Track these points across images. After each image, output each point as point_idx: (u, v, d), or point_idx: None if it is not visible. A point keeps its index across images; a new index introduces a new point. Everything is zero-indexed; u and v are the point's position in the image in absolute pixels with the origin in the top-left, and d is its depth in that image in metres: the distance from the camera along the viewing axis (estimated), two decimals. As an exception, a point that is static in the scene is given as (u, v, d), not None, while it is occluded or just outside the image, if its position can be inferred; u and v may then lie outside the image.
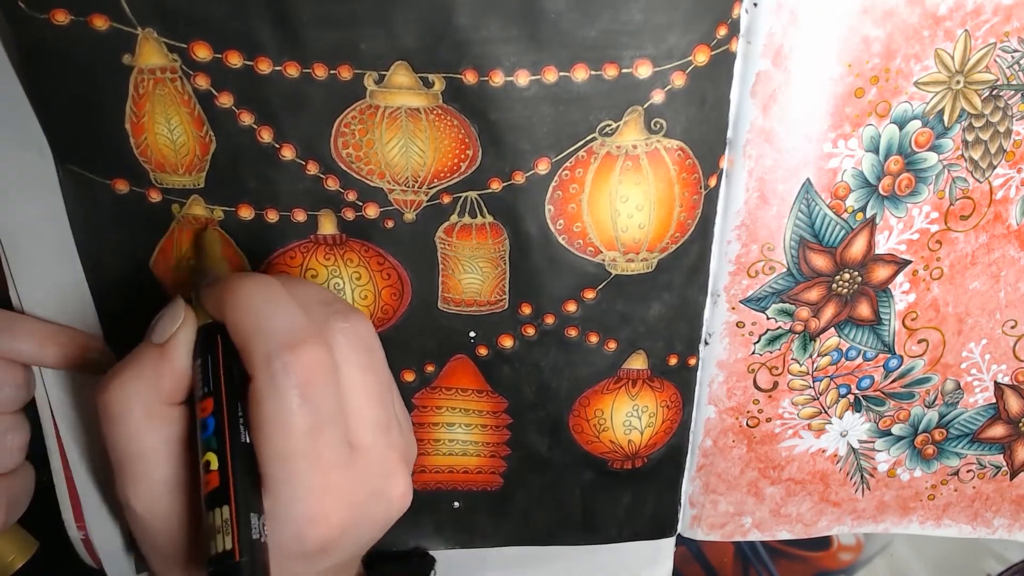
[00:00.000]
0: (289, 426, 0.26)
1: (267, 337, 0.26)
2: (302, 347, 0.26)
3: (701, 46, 0.30)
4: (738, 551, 0.44)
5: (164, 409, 0.27)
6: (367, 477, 0.28)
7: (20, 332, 0.32)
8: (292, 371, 0.26)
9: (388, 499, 0.29)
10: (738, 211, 0.33)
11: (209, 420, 0.26)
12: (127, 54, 0.29)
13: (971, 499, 0.41)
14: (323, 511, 0.27)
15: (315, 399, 0.26)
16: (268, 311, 0.27)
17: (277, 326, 0.26)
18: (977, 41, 0.31)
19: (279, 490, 0.26)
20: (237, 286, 0.27)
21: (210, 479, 0.26)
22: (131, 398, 0.27)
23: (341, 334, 0.28)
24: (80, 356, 0.33)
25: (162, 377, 0.27)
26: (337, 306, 0.29)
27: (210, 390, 0.27)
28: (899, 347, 0.37)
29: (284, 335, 0.26)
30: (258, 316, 0.27)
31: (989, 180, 0.34)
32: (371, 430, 0.28)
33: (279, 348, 0.26)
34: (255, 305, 0.27)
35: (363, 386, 0.28)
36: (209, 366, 0.27)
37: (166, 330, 0.28)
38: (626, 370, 0.36)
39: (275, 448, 0.26)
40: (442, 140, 0.31)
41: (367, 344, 0.29)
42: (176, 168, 0.31)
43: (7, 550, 0.35)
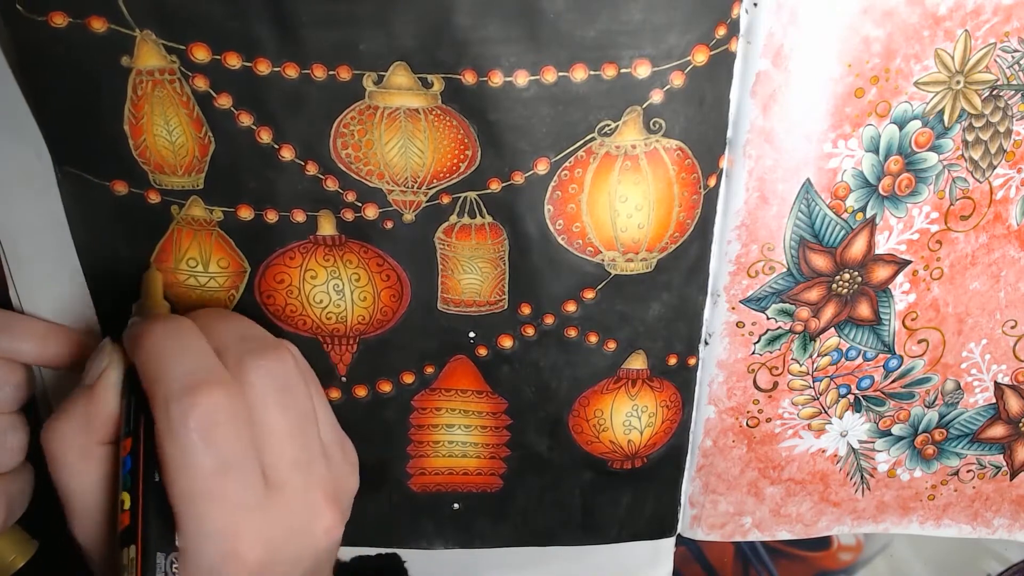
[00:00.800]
0: (191, 468, 0.26)
1: (167, 381, 0.27)
2: (201, 390, 0.26)
3: (700, 46, 0.30)
4: (738, 551, 0.44)
5: (98, 449, 0.28)
6: (285, 515, 0.28)
7: (20, 332, 0.32)
8: (190, 415, 0.26)
9: (312, 535, 0.29)
10: (738, 211, 0.33)
11: (127, 459, 0.27)
12: (125, 56, 0.29)
13: (971, 499, 0.41)
14: (235, 549, 0.27)
15: (217, 442, 0.26)
16: (171, 354, 0.27)
17: (178, 369, 0.27)
18: (977, 41, 0.31)
19: (189, 529, 0.26)
20: (144, 329, 0.28)
21: (123, 518, 0.26)
22: (65, 439, 0.28)
23: (255, 373, 0.28)
24: (80, 356, 0.33)
25: (92, 418, 0.28)
26: (253, 344, 0.29)
27: (130, 430, 0.28)
28: (899, 347, 0.37)
29: (184, 378, 0.27)
30: (160, 360, 0.27)
31: (989, 180, 0.34)
32: (288, 468, 0.28)
33: (178, 392, 0.26)
34: (159, 349, 0.27)
35: (278, 425, 0.28)
36: (132, 407, 0.28)
37: (95, 372, 0.29)
38: (626, 370, 0.36)
39: (180, 489, 0.26)
40: (441, 141, 0.31)
41: (283, 383, 0.29)
42: (175, 169, 0.31)
43: (7, 550, 0.35)
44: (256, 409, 0.28)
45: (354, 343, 0.35)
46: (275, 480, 0.28)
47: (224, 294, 0.33)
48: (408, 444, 0.37)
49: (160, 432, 0.26)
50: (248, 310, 0.33)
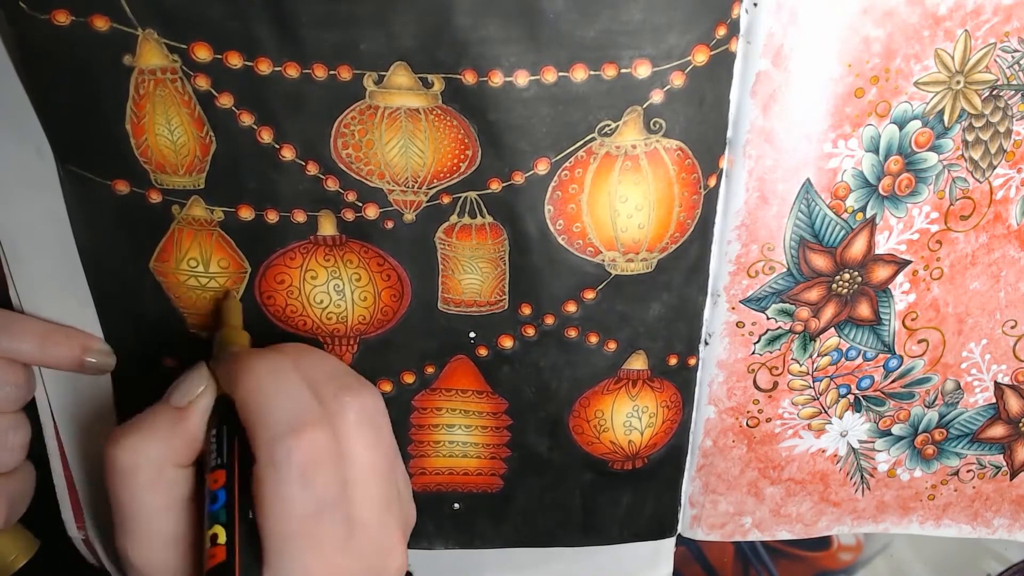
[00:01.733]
0: (289, 510, 0.26)
1: (271, 420, 0.27)
2: (305, 432, 0.26)
3: (700, 46, 0.30)
4: (738, 551, 0.44)
5: (173, 471, 0.28)
6: (366, 554, 0.28)
7: (20, 332, 0.32)
8: (294, 457, 0.26)
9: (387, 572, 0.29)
10: (738, 211, 0.33)
11: (220, 492, 0.27)
12: (128, 55, 0.29)
13: (971, 499, 0.41)
14: None
15: (316, 484, 0.26)
16: (274, 392, 0.27)
17: (282, 409, 0.27)
18: (977, 41, 0.31)
19: (277, 568, 0.26)
20: (246, 365, 0.28)
21: (216, 552, 0.26)
22: (142, 457, 0.27)
23: (349, 410, 0.28)
24: (80, 356, 0.33)
25: (176, 440, 0.28)
26: (346, 380, 0.29)
27: (223, 462, 0.27)
28: (899, 347, 0.37)
29: (288, 419, 0.27)
30: (264, 397, 0.27)
31: (989, 180, 0.34)
32: (374, 508, 0.28)
33: (282, 433, 0.26)
34: (262, 386, 0.27)
35: (368, 464, 0.28)
36: (224, 438, 0.28)
37: (187, 394, 0.28)
38: (626, 370, 0.36)
39: (274, 529, 0.26)
40: (441, 140, 0.31)
41: (374, 420, 0.29)
42: (176, 169, 0.31)
43: (9, 549, 0.35)
44: (349, 448, 0.28)
45: (354, 343, 0.35)
46: (359, 519, 0.28)
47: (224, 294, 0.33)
48: (408, 444, 0.37)
49: (261, 470, 0.26)
50: (248, 311, 0.33)
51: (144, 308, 0.33)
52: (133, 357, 0.35)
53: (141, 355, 0.35)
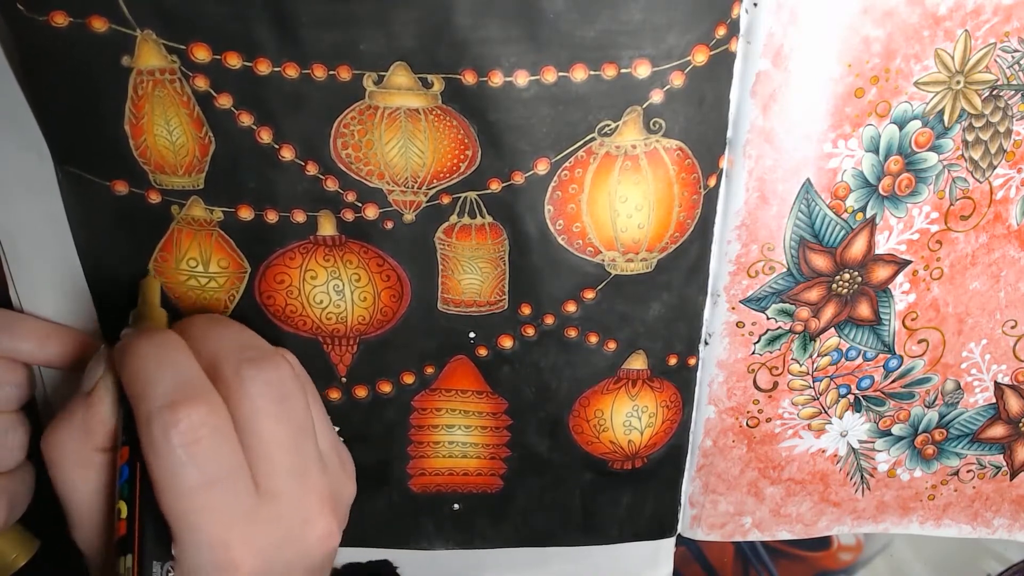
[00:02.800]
0: (177, 484, 0.26)
1: (148, 398, 0.26)
2: (182, 407, 0.26)
3: (700, 46, 0.30)
4: (738, 551, 0.44)
5: (95, 456, 0.28)
6: (279, 523, 0.28)
7: (20, 331, 0.32)
8: (172, 432, 0.26)
9: (306, 542, 0.29)
10: (738, 211, 0.33)
11: (123, 468, 0.27)
12: (126, 55, 0.29)
13: (971, 499, 0.41)
14: (229, 559, 0.27)
15: (201, 457, 0.26)
16: (153, 370, 0.27)
17: (159, 387, 0.27)
18: (977, 41, 0.31)
19: (182, 540, 0.26)
20: (128, 344, 0.28)
21: (120, 527, 0.27)
22: (63, 446, 0.28)
23: (251, 383, 0.28)
24: (80, 356, 0.33)
25: (90, 425, 0.28)
26: (251, 353, 0.29)
27: (127, 439, 0.27)
28: (899, 347, 0.37)
29: (165, 395, 0.26)
30: (142, 376, 0.27)
31: (989, 180, 0.34)
32: (283, 477, 0.28)
33: (159, 409, 0.26)
34: (142, 364, 0.27)
35: (273, 435, 0.28)
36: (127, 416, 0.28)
37: (90, 379, 0.29)
38: (626, 370, 0.36)
39: (168, 503, 0.26)
40: (441, 141, 0.31)
41: (280, 392, 0.29)
42: (175, 169, 0.31)
43: (9, 549, 0.35)
44: (252, 419, 0.28)
45: (354, 343, 0.35)
46: (269, 489, 0.28)
47: (224, 294, 0.33)
48: (408, 444, 0.37)
49: (144, 448, 0.26)
50: (248, 311, 0.33)
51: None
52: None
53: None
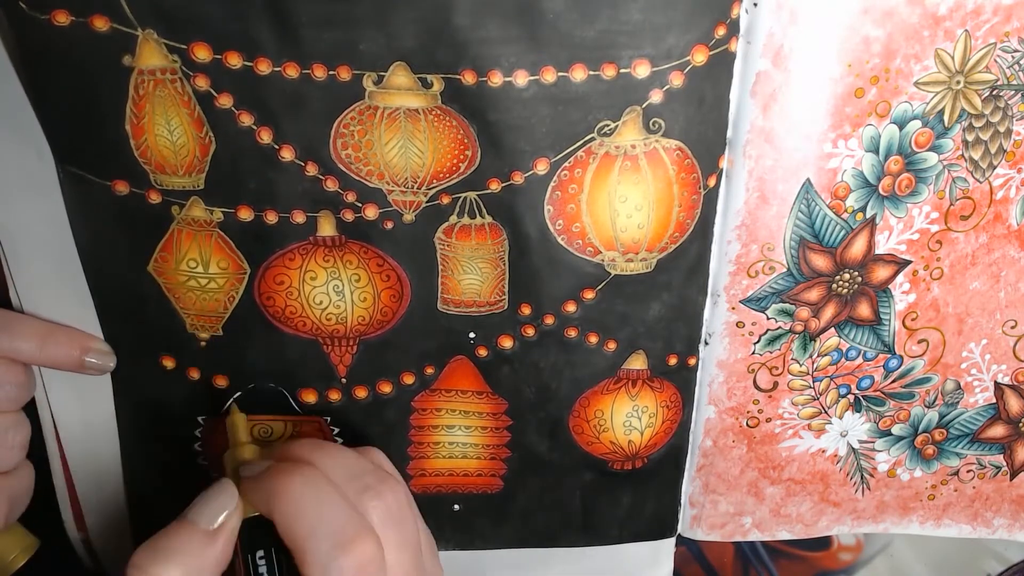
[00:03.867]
0: None
1: (320, 539, 0.27)
2: (355, 547, 0.27)
3: (699, 46, 0.30)
4: (738, 551, 0.44)
5: None
6: None
7: (20, 331, 0.32)
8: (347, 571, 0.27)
9: None
10: (738, 211, 0.33)
11: None
12: (127, 55, 0.29)
13: (971, 499, 0.41)
14: None
15: None
16: (315, 510, 0.27)
17: (327, 526, 0.27)
18: (977, 41, 0.31)
19: None
20: (281, 484, 0.28)
21: None
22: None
23: (374, 513, 0.29)
24: (80, 356, 0.33)
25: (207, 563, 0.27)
26: (368, 480, 0.29)
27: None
28: (899, 347, 0.37)
29: (335, 535, 0.27)
30: (308, 517, 0.27)
31: (989, 180, 0.34)
32: None
33: (333, 550, 0.27)
34: (304, 506, 0.27)
35: (399, 564, 0.29)
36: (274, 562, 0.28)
37: (215, 515, 0.28)
38: (626, 370, 0.36)
39: None
40: (441, 141, 0.31)
41: (400, 517, 0.29)
42: (176, 169, 0.31)
43: (9, 548, 0.35)
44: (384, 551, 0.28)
45: (354, 344, 0.35)
46: None
47: (224, 295, 0.33)
48: (408, 445, 0.37)
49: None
50: (248, 311, 0.33)
51: (144, 309, 0.33)
52: (133, 358, 0.35)
53: (140, 356, 0.35)
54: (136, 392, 0.35)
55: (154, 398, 0.35)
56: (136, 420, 0.36)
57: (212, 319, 0.34)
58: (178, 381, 0.35)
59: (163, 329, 0.34)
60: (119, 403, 0.35)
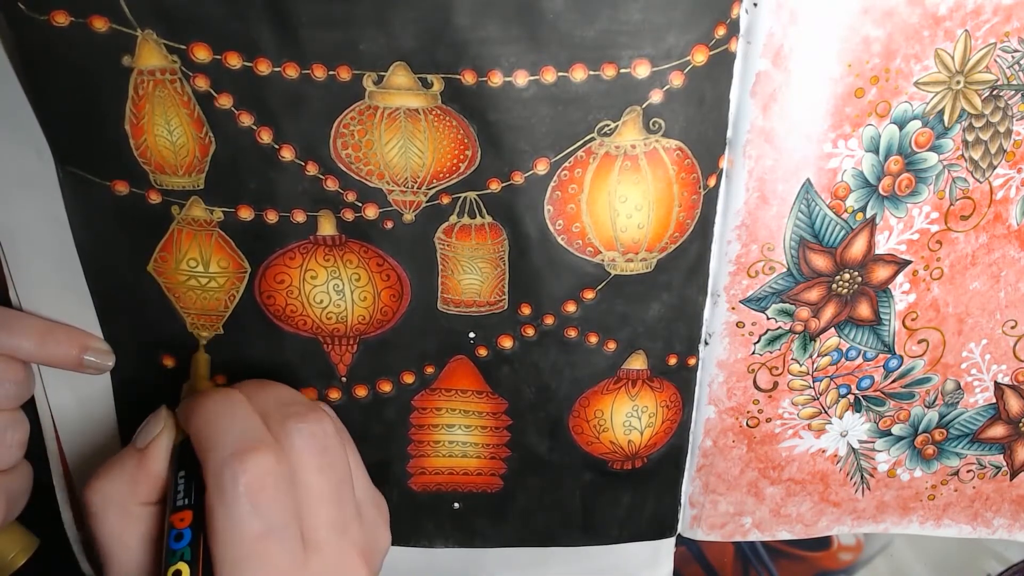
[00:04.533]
0: (239, 532, 0.27)
1: (218, 447, 0.28)
2: (250, 455, 0.27)
3: (699, 46, 0.30)
4: (738, 551, 0.44)
5: (139, 508, 0.29)
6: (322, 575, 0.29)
7: (20, 329, 0.33)
8: (240, 479, 0.27)
9: None
10: (738, 211, 0.33)
11: (186, 531, 0.28)
12: (127, 55, 0.29)
13: (971, 499, 0.41)
14: None
15: (264, 505, 0.27)
16: (222, 422, 0.28)
17: (229, 436, 0.28)
18: (977, 41, 0.31)
19: None
20: (198, 400, 0.29)
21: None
22: (109, 497, 0.29)
23: (297, 435, 0.29)
24: (79, 355, 0.33)
25: (139, 480, 0.29)
26: (295, 408, 0.30)
27: (189, 503, 0.28)
28: (899, 347, 0.37)
29: (234, 443, 0.28)
30: (212, 428, 0.28)
31: (989, 180, 0.34)
32: (326, 530, 0.29)
33: (229, 457, 0.27)
34: (211, 418, 0.29)
35: (317, 487, 0.29)
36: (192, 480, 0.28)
37: (147, 436, 0.30)
38: (626, 370, 0.36)
39: (227, 554, 0.27)
40: (441, 141, 0.31)
41: (323, 444, 0.30)
42: (176, 169, 0.31)
43: (9, 547, 0.35)
44: (298, 472, 0.29)
45: (354, 343, 0.35)
46: (313, 542, 0.29)
47: (224, 295, 0.33)
48: (408, 444, 0.37)
49: (211, 497, 0.27)
50: (248, 311, 0.33)
51: (144, 308, 0.34)
52: (133, 357, 0.35)
53: (140, 355, 0.35)
54: (136, 392, 0.35)
55: (155, 397, 0.35)
56: (136, 420, 0.36)
57: (212, 318, 0.34)
58: (179, 380, 0.35)
59: (163, 329, 0.34)
60: (119, 403, 0.35)
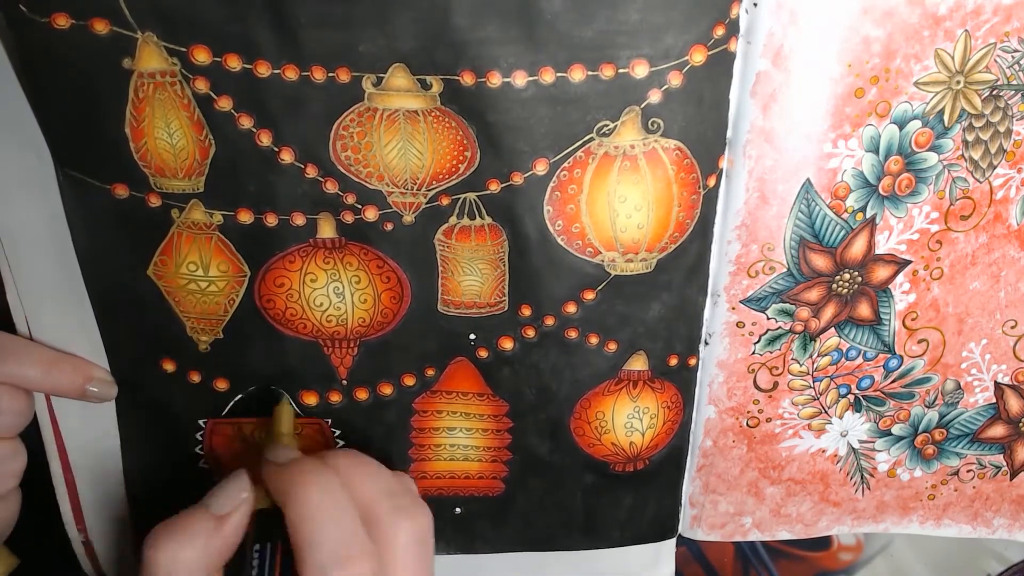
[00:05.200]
0: None
1: (319, 548, 0.28)
2: (351, 565, 0.27)
3: (698, 46, 0.30)
4: (738, 551, 0.44)
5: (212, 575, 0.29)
6: None
7: (27, 358, 0.33)
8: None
9: None
10: (738, 211, 0.33)
11: None
12: (127, 58, 0.29)
13: (971, 499, 0.41)
14: None
15: None
16: (324, 517, 0.28)
17: (331, 538, 0.28)
18: (977, 41, 0.31)
19: None
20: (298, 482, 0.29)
21: None
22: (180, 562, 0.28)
23: (403, 535, 0.29)
24: (82, 385, 0.33)
25: (213, 547, 0.28)
26: (401, 500, 0.30)
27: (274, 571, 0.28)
28: (899, 347, 0.37)
29: (336, 549, 0.28)
30: (313, 523, 0.28)
31: (989, 180, 0.34)
32: None
33: (330, 564, 0.27)
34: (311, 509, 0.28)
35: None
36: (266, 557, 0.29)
37: (227, 503, 0.29)
38: (627, 371, 0.36)
39: None
40: (440, 142, 0.31)
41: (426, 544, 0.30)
42: (176, 172, 0.31)
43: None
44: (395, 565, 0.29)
45: (354, 346, 0.34)
46: None
47: (224, 298, 0.33)
48: (410, 447, 0.37)
49: None
50: (248, 314, 0.33)
51: (143, 312, 0.33)
52: (133, 362, 0.35)
53: (140, 359, 0.35)
54: (137, 396, 0.35)
55: (155, 401, 0.35)
56: (137, 423, 0.36)
57: (212, 322, 0.34)
58: (179, 384, 0.35)
59: (163, 333, 0.34)
60: (120, 406, 0.35)
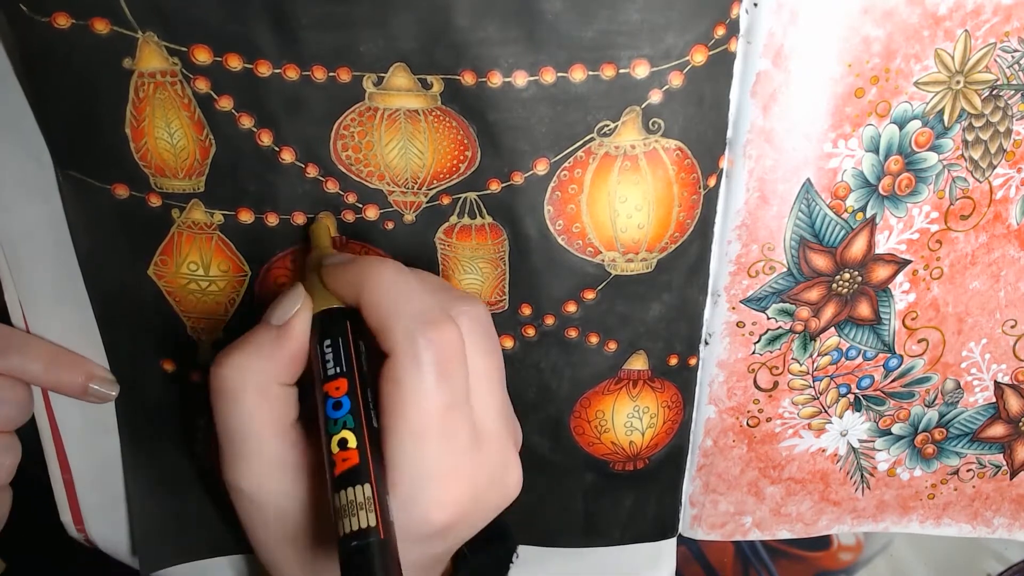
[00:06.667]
0: (426, 403, 0.26)
1: (407, 316, 0.27)
2: (441, 325, 0.27)
3: (698, 46, 0.30)
4: (738, 551, 0.44)
5: (277, 389, 0.28)
6: (489, 464, 0.28)
7: (30, 351, 0.33)
8: (433, 349, 0.26)
9: (505, 486, 0.29)
10: (738, 211, 0.33)
11: (344, 399, 0.27)
12: (127, 58, 0.29)
13: (971, 499, 0.41)
14: (450, 495, 0.27)
15: (451, 378, 0.27)
16: (405, 292, 0.27)
17: (415, 306, 0.27)
18: (977, 41, 0.31)
19: (410, 471, 0.26)
20: (373, 268, 0.28)
21: (348, 456, 0.26)
22: (246, 377, 0.27)
23: (466, 317, 0.28)
24: (84, 383, 0.33)
25: (278, 358, 0.28)
26: (458, 292, 0.30)
27: (342, 371, 0.27)
28: (899, 347, 0.37)
29: (423, 314, 0.27)
30: (397, 296, 0.27)
31: (989, 180, 0.34)
32: (494, 416, 0.29)
33: (420, 327, 0.26)
34: (391, 287, 0.27)
35: (486, 371, 0.29)
36: (340, 348, 0.28)
37: (286, 313, 0.28)
38: (627, 371, 0.36)
39: (410, 426, 0.26)
40: (441, 141, 0.31)
41: (488, 329, 0.29)
42: (176, 172, 0.31)
43: None
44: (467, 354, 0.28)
45: (355, 345, 0.35)
46: (482, 426, 0.28)
47: (225, 298, 0.33)
48: (409, 445, 0.37)
49: (397, 366, 0.26)
50: (249, 314, 0.33)
51: (144, 312, 0.34)
52: (132, 361, 0.35)
53: (140, 359, 0.35)
54: (137, 396, 0.35)
55: (155, 401, 0.35)
56: (137, 423, 0.36)
57: (213, 322, 0.34)
58: (179, 384, 0.35)
59: (164, 333, 0.34)
60: (120, 406, 0.35)
